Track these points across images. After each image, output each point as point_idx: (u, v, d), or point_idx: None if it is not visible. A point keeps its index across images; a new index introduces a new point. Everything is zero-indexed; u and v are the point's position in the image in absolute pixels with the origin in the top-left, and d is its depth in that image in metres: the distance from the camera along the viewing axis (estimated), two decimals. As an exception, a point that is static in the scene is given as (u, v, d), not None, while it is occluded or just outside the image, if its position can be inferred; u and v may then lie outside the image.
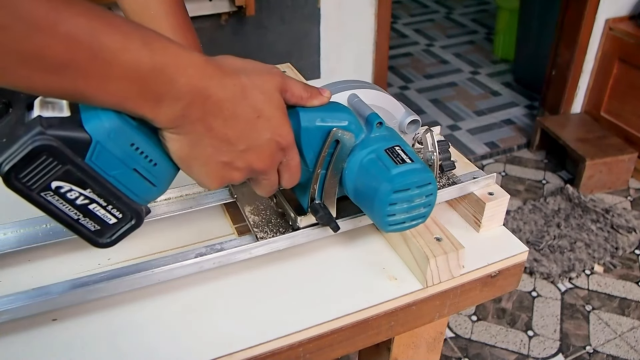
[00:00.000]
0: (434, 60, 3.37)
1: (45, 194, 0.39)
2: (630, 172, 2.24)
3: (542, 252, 1.89)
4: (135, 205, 0.44)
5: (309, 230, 0.55)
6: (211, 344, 0.48)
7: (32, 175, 0.38)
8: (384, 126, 0.52)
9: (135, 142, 0.41)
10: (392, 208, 0.49)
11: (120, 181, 0.42)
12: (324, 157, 0.50)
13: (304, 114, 0.48)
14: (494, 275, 0.58)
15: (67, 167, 0.39)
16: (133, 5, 0.67)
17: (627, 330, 1.66)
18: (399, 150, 0.50)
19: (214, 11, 1.73)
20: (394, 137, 0.52)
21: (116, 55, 0.35)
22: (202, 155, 0.43)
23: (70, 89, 0.35)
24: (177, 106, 0.39)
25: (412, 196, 0.49)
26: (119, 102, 0.37)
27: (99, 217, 0.43)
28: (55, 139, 0.37)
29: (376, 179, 0.49)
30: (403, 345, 0.63)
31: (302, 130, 0.48)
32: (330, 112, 0.50)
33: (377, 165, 0.49)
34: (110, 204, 0.42)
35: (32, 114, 0.39)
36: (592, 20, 2.25)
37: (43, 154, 0.37)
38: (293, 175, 0.49)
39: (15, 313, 0.46)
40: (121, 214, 0.43)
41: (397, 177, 0.48)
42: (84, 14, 0.34)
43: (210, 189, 0.46)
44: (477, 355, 1.58)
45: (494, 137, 2.59)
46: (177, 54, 0.38)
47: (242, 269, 0.55)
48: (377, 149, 0.50)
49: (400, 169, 0.49)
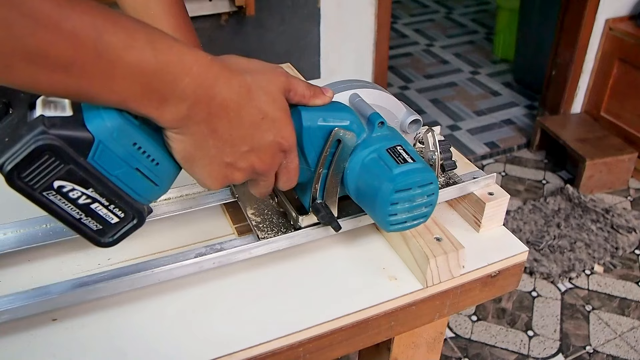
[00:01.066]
0: (434, 60, 3.37)
1: (47, 193, 0.39)
2: (630, 172, 2.24)
3: (542, 252, 1.89)
4: (138, 205, 0.44)
5: (309, 230, 0.55)
6: (211, 344, 0.48)
7: (35, 174, 0.38)
8: (386, 126, 0.52)
9: (138, 141, 0.41)
10: (393, 208, 0.49)
11: (123, 180, 0.42)
12: (325, 156, 0.50)
13: (306, 114, 0.48)
14: (494, 275, 0.58)
15: (70, 166, 0.39)
16: (133, 5, 0.67)
17: (627, 330, 1.66)
18: (401, 149, 0.50)
19: (214, 11, 1.73)
20: (395, 137, 0.52)
21: (120, 54, 0.35)
22: (206, 156, 0.42)
23: (74, 87, 0.35)
24: (181, 106, 0.39)
25: (413, 196, 0.49)
26: (123, 101, 0.37)
27: (101, 217, 0.42)
28: (57, 138, 0.37)
29: (378, 178, 0.49)
30: (403, 345, 0.63)
31: (304, 130, 0.48)
32: (332, 111, 0.49)
33: (379, 164, 0.49)
34: (112, 204, 0.42)
35: (34, 113, 0.39)
36: (592, 20, 2.25)
37: (45, 153, 0.37)
38: (291, 178, 0.49)
39: (15, 313, 0.46)
40: (123, 214, 0.43)
41: (399, 177, 0.48)
42: (88, 12, 0.34)
43: (212, 189, 0.46)
44: (477, 355, 1.58)
45: (494, 137, 2.59)
46: (182, 52, 0.38)
47: (242, 269, 0.55)
48: (379, 148, 0.50)
49: (402, 168, 0.49)
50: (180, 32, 0.67)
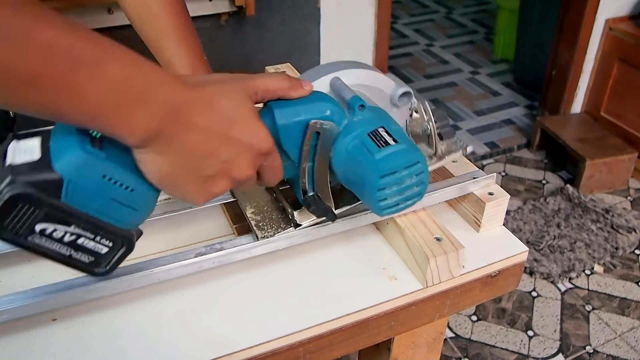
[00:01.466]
0: (434, 60, 3.37)
1: (32, 238, 0.40)
2: (630, 172, 2.24)
3: (542, 252, 1.89)
4: (124, 232, 0.44)
5: (309, 230, 0.55)
6: (211, 344, 0.48)
7: (14, 223, 0.38)
8: (367, 108, 0.50)
9: (107, 173, 0.41)
10: (382, 193, 0.48)
11: (102, 212, 0.42)
12: (307, 150, 0.49)
13: (279, 111, 0.47)
14: (494, 275, 0.58)
15: (46, 209, 0.39)
16: (134, 4, 0.67)
17: (627, 330, 1.66)
18: (383, 131, 0.49)
19: (214, 11, 1.73)
20: (379, 118, 0.50)
21: (91, 68, 0.35)
22: (183, 174, 0.42)
23: (46, 103, 0.35)
24: (151, 121, 0.38)
25: (401, 178, 0.48)
26: (94, 117, 0.37)
27: (90, 250, 0.43)
28: (27, 185, 0.38)
29: (362, 165, 0.48)
30: (403, 345, 0.63)
31: (280, 128, 0.47)
32: (307, 104, 0.48)
33: (362, 151, 0.48)
34: (97, 235, 0.42)
35: (5, 162, 0.39)
36: (592, 20, 2.25)
37: (19, 202, 0.38)
38: (275, 175, 0.48)
39: (15, 313, 0.46)
40: (111, 242, 0.44)
41: (381, 162, 0.47)
42: (58, 26, 0.34)
43: (197, 205, 0.46)
44: (477, 355, 1.58)
45: (494, 137, 2.59)
46: (150, 69, 0.38)
47: (242, 268, 0.55)
48: (360, 133, 0.49)
49: (384, 152, 0.47)
50: (181, 32, 0.67)
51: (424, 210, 0.58)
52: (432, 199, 0.59)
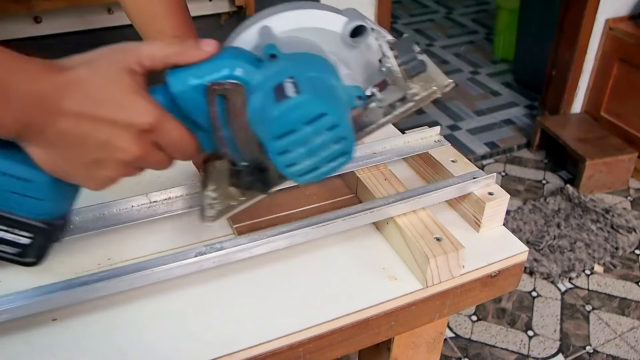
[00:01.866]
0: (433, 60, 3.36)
1: None
2: (630, 172, 2.24)
3: (542, 252, 1.89)
4: (37, 222, 0.44)
5: (309, 230, 0.55)
6: (211, 344, 0.48)
7: None
8: (281, 57, 0.42)
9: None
10: (286, 157, 0.41)
11: (7, 205, 0.42)
12: (215, 117, 0.43)
13: (172, 78, 0.42)
14: (494, 275, 0.58)
15: None
16: (134, 4, 0.67)
17: (627, 330, 1.66)
18: (289, 83, 0.41)
19: (214, 11, 1.73)
20: (292, 67, 0.42)
21: None
22: (66, 161, 0.41)
23: None
24: (15, 114, 0.38)
25: (305, 136, 0.40)
26: None
27: (11, 241, 0.43)
28: None
29: (261, 126, 0.41)
30: (403, 345, 0.63)
31: (176, 96, 0.42)
32: (205, 65, 0.42)
33: (263, 110, 0.41)
34: (12, 227, 0.43)
35: None
36: (592, 20, 2.25)
37: None
38: (181, 149, 0.45)
39: (15, 313, 0.46)
40: (30, 233, 0.44)
41: (275, 121, 0.40)
42: None
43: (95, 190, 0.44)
44: (477, 355, 1.58)
45: (494, 137, 2.59)
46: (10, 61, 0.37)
47: (242, 268, 0.55)
48: (266, 89, 0.41)
49: (279, 108, 0.39)
50: (181, 32, 0.67)
51: (424, 210, 0.58)
52: (432, 198, 0.59)
